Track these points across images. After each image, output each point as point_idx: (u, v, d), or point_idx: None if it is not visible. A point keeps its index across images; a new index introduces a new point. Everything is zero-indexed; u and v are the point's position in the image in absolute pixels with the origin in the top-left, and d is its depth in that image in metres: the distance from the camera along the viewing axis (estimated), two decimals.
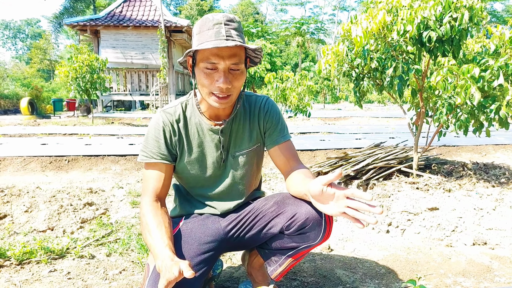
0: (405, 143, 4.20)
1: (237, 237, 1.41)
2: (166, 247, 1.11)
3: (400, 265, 1.96)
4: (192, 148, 1.36)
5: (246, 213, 1.42)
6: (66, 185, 3.49)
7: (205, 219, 1.42)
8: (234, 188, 1.43)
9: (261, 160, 1.50)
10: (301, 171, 1.30)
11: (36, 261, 1.93)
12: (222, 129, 1.35)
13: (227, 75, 1.19)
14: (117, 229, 2.44)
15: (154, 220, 1.20)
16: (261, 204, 1.42)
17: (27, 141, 5.66)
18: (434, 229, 2.38)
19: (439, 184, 2.83)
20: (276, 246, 1.39)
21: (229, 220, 1.42)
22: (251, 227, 1.39)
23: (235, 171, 1.41)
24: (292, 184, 1.31)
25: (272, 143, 1.40)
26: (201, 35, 1.19)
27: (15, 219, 2.60)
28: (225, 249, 1.48)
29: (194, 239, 1.34)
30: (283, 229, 1.31)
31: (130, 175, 4.05)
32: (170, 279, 0.99)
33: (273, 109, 1.43)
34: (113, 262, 1.97)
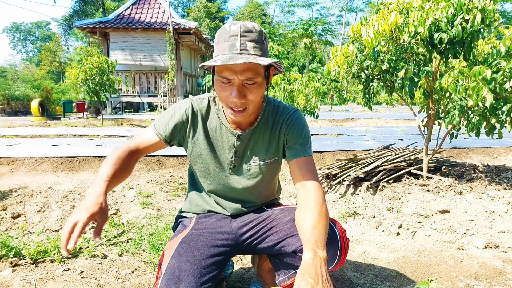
0: (415, 145, 4.18)
1: (248, 244, 1.41)
2: (105, 182, 1.13)
3: (411, 267, 1.95)
4: (206, 141, 1.35)
5: (260, 221, 1.41)
6: (78, 186, 3.54)
7: (217, 222, 1.42)
8: (244, 195, 1.43)
9: (276, 172, 1.47)
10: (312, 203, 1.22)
11: (50, 260, 1.96)
12: (240, 135, 1.33)
13: (241, 89, 1.16)
14: (128, 229, 2.46)
15: (117, 160, 1.22)
16: (276, 216, 1.40)
17: (39, 142, 5.74)
18: (445, 231, 2.37)
19: (450, 186, 2.81)
20: (287, 261, 1.38)
21: (241, 223, 1.41)
22: (264, 238, 1.38)
23: (247, 180, 1.39)
24: (297, 221, 1.23)
25: (290, 156, 1.35)
26: (218, 46, 1.18)
27: (29, 219, 2.64)
28: (236, 253, 1.48)
29: (206, 241, 1.35)
30: (296, 251, 1.29)
31: (140, 176, 4.09)
32: (81, 217, 1.01)
33: (297, 122, 1.37)
34: (125, 262, 1.99)
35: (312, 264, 1.03)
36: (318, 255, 1.06)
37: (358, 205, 2.81)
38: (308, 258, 1.06)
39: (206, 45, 18.29)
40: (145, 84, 14.85)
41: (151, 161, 4.57)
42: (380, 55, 3.11)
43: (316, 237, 1.11)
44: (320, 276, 1.01)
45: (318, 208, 1.20)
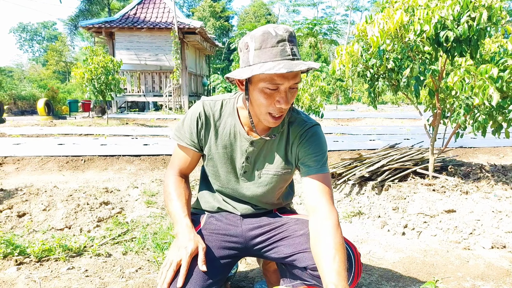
0: (421, 144, 4.15)
1: (258, 250, 1.39)
2: (185, 217, 1.26)
3: (416, 267, 1.93)
4: (218, 146, 1.34)
5: (272, 228, 1.38)
6: (83, 185, 3.55)
7: (227, 224, 1.40)
8: (254, 201, 1.41)
9: (287, 182, 1.43)
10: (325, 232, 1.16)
11: (55, 259, 1.97)
12: (253, 141, 1.31)
13: (287, 95, 1.15)
14: (132, 228, 2.47)
15: (176, 191, 1.32)
16: (290, 227, 1.37)
17: (44, 141, 5.78)
18: (451, 231, 2.35)
19: (456, 186, 2.78)
20: (295, 272, 1.35)
21: (252, 226, 1.39)
22: (274, 248, 1.35)
23: (256, 188, 1.37)
24: (314, 255, 1.18)
25: (303, 172, 1.29)
26: (263, 52, 1.11)
27: (34, 217, 2.65)
28: (243, 256, 1.48)
29: (215, 242, 1.33)
30: (307, 268, 1.26)
31: (145, 175, 4.10)
32: (183, 256, 1.14)
33: (314, 137, 1.31)
34: (129, 261, 2.00)
35: None
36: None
37: (363, 204, 2.79)
38: None
39: (211, 44, 18.31)
40: (150, 83, 14.91)
41: (156, 160, 4.59)
42: (386, 53, 3.08)
43: (334, 278, 1.05)
44: None
45: (333, 240, 1.14)
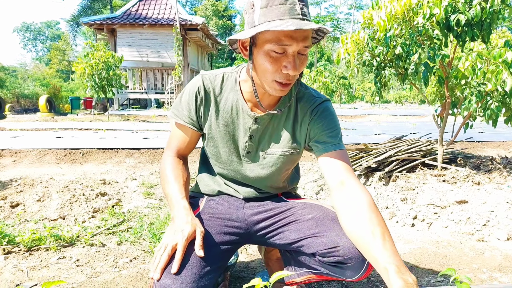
0: (429, 136, 4.03)
1: (261, 236, 1.28)
2: (183, 199, 1.15)
3: (428, 258, 1.82)
4: (219, 124, 1.23)
5: (277, 213, 1.26)
6: (80, 176, 3.46)
7: (228, 208, 1.29)
8: (257, 184, 1.30)
9: (294, 164, 1.32)
10: (363, 208, 1.02)
11: (45, 248, 1.86)
12: (258, 118, 1.19)
13: (296, 60, 1.03)
14: (129, 218, 2.37)
15: (173, 172, 1.21)
16: (297, 211, 1.25)
17: (43, 135, 5.69)
18: (464, 223, 2.23)
19: (467, 176, 2.66)
20: (301, 259, 1.24)
21: (255, 210, 1.28)
22: (279, 233, 1.24)
23: (260, 169, 1.26)
24: (350, 222, 1.04)
25: (319, 150, 1.17)
26: (270, 10, 1.01)
27: (27, 208, 2.56)
28: (245, 243, 1.36)
29: (214, 227, 1.22)
30: (316, 254, 1.14)
31: (144, 168, 4.00)
32: (179, 240, 1.04)
33: (326, 112, 1.20)
34: (124, 251, 1.89)
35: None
36: (409, 282, 0.85)
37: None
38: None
39: (213, 41, 18.21)
40: (152, 80, 14.82)
41: (155, 153, 4.49)
42: (393, 40, 2.96)
43: (393, 258, 0.90)
44: None
45: (376, 216, 1.00)
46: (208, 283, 1.09)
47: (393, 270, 0.87)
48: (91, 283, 1.54)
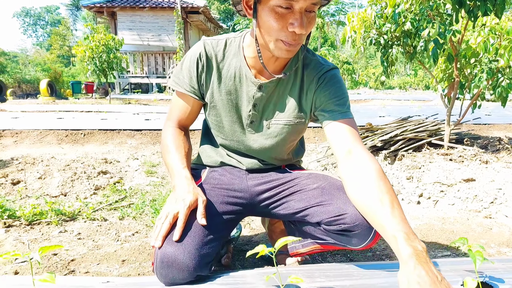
0: (436, 117, 3.96)
1: (265, 207, 1.24)
2: (184, 168, 1.12)
3: (435, 234, 1.78)
4: (221, 92, 1.17)
5: (281, 183, 1.22)
6: (81, 156, 3.43)
7: (231, 178, 1.25)
8: (261, 155, 1.25)
9: (300, 135, 1.27)
10: (371, 176, 0.98)
11: (47, 222, 1.84)
12: (262, 85, 1.13)
13: (303, 18, 0.97)
14: (131, 195, 2.34)
15: (174, 143, 1.18)
16: (301, 180, 1.21)
17: (44, 116, 5.66)
18: (471, 200, 2.19)
19: (475, 155, 2.61)
20: (306, 229, 1.21)
21: (258, 181, 1.24)
22: (283, 203, 1.20)
23: (264, 140, 1.21)
24: (357, 191, 1.00)
25: (326, 119, 1.12)
26: None
27: (29, 185, 2.53)
28: (248, 214, 1.33)
29: (217, 197, 1.19)
30: (321, 222, 1.11)
31: (146, 149, 3.97)
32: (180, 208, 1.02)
33: (334, 80, 1.14)
34: (126, 225, 1.87)
35: (419, 264, 0.79)
36: (418, 250, 0.82)
37: None
38: (409, 258, 0.80)
39: (215, 25, 17.98)
40: (153, 64, 14.69)
41: (157, 134, 4.45)
42: (401, 16, 2.87)
43: (402, 225, 0.86)
44: (436, 279, 0.77)
45: (384, 184, 0.96)
46: (211, 251, 1.06)
47: (402, 238, 0.84)
48: (93, 255, 1.52)
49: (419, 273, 0.77)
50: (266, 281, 1.00)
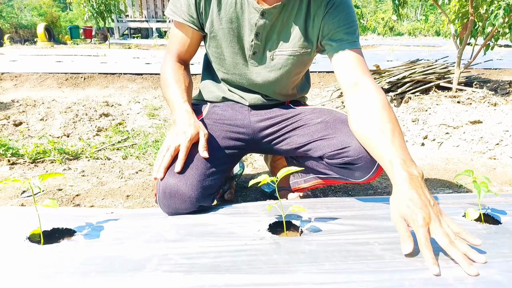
0: (446, 59, 3.82)
1: (267, 143, 1.21)
2: (185, 102, 1.09)
3: (438, 173, 1.78)
4: (221, 20, 1.09)
5: (285, 119, 1.19)
6: (82, 98, 3.39)
7: (233, 113, 1.21)
8: (265, 90, 1.20)
9: (305, 67, 1.21)
10: (375, 107, 0.95)
11: (50, 161, 1.85)
12: (265, 11, 1.05)
13: None
14: (133, 136, 2.33)
15: (174, 77, 1.15)
16: (305, 115, 1.17)
17: (42, 59, 5.53)
18: (476, 142, 2.16)
19: (484, 98, 2.55)
20: (308, 164, 1.19)
21: (261, 117, 1.20)
22: (286, 139, 1.18)
23: (268, 72, 1.15)
24: (359, 121, 0.97)
25: (333, 48, 1.06)
26: None
27: (31, 126, 2.53)
28: (250, 150, 1.31)
29: (219, 132, 1.16)
30: (324, 156, 1.09)
31: (147, 93, 3.90)
32: (181, 141, 1.00)
33: (343, 6, 1.06)
34: (129, 164, 1.88)
35: (413, 188, 0.77)
36: (414, 174, 0.80)
37: None
38: (403, 182, 0.78)
39: None
40: (153, 8, 14.08)
41: (158, 79, 4.35)
42: None
43: (400, 152, 0.84)
44: (428, 203, 0.75)
45: (388, 114, 0.93)
46: (213, 183, 1.06)
47: (398, 163, 0.82)
48: (98, 190, 1.54)
49: (411, 196, 0.76)
50: (268, 211, 1.00)
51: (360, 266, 0.71)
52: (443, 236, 0.72)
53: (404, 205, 0.76)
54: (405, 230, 0.76)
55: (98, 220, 0.93)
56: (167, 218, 0.97)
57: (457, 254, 0.70)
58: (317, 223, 0.93)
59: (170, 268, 0.70)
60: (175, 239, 0.83)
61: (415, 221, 0.73)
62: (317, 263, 0.73)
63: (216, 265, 0.72)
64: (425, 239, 0.71)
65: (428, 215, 0.73)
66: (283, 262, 0.73)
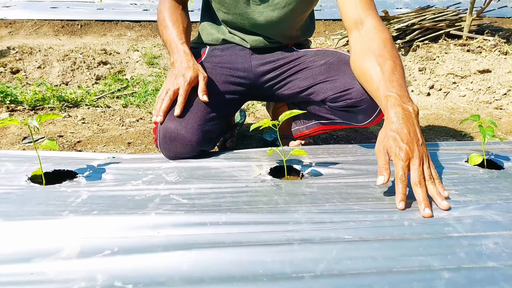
0: (458, 5, 3.64)
1: (268, 88, 1.18)
2: (183, 44, 1.05)
3: (442, 123, 1.76)
4: None
5: (287, 62, 1.15)
6: (80, 46, 3.29)
7: (234, 56, 1.17)
8: (267, 31, 1.14)
9: (310, 6, 1.15)
10: (377, 45, 0.91)
11: (50, 108, 1.83)
12: None
13: None
14: (133, 84, 2.29)
15: (171, 17, 1.10)
16: (308, 58, 1.13)
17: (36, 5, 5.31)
18: (483, 92, 2.12)
19: (495, 46, 2.45)
20: (310, 110, 1.16)
21: (262, 61, 1.16)
22: (288, 83, 1.14)
23: (271, 11, 1.09)
24: (361, 69, 0.93)
25: None
26: None
27: (28, 74, 2.48)
28: (251, 96, 1.28)
29: (219, 76, 1.13)
30: (326, 99, 1.06)
31: (146, 41, 3.78)
32: (180, 84, 0.98)
33: None
34: (130, 112, 1.86)
35: (403, 123, 0.74)
36: (408, 110, 0.77)
37: None
38: (394, 115, 0.76)
39: None
40: None
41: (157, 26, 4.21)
42: None
43: (397, 88, 0.81)
44: (415, 141, 0.73)
45: (389, 51, 0.89)
46: (213, 128, 1.05)
47: (393, 98, 0.80)
48: (99, 137, 1.54)
49: (400, 130, 0.75)
50: (269, 155, 1.00)
51: (360, 207, 0.72)
52: (417, 173, 0.71)
53: (390, 138, 0.75)
54: (384, 163, 0.75)
55: (99, 163, 0.93)
56: (169, 162, 0.97)
57: (420, 194, 0.70)
58: (318, 168, 0.92)
59: (171, 208, 0.71)
60: (176, 181, 0.84)
61: (397, 155, 0.72)
62: (317, 204, 0.73)
63: (217, 205, 0.72)
64: (402, 173, 0.71)
65: (412, 152, 0.72)
66: (283, 203, 0.73)
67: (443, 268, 0.57)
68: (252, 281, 0.55)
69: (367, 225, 0.66)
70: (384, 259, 0.59)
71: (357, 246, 0.61)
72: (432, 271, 0.56)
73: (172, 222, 0.66)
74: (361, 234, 0.64)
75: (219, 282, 0.55)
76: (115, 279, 0.55)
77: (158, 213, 0.68)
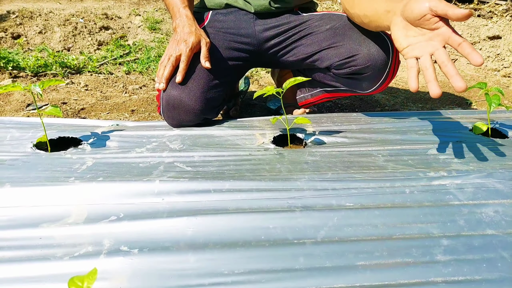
0: None
1: (273, 54, 1.15)
2: (185, 8, 1.02)
3: (449, 90, 1.74)
4: None
5: (291, 27, 1.11)
6: (81, 10, 3.22)
7: (237, 21, 1.14)
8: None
9: None
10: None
11: (52, 74, 1.82)
12: None
13: None
14: (135, 50, 2.26)
15: None
16: (313, 22, 1.09)
17: None
18: (491, 59, 2.07)
19: (507, 11, 2.36)
20: (315, 77, 1.15)
21: (266, 26, 1.13)
22: (292, 49, 1.12)
23: None
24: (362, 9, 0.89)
25: None
26: None
27: (30, 40, 2.44)
28: (255, 63, 1.25)
29: (222, 41, 1.10)
30: (331, 66, 1.04)
31: (148, 5, 3.68)
32: (182, 50, 0.96)
33: None
34: (133, 79, 1.84)
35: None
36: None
37: None
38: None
39: None
40: None
41: None
42: None
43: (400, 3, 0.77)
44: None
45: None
46: (216, 96, 1.04)
47: (398, 8, 0.76)
48: (102, 104, 1.53)
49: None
50: (272, 124, 1.00)
51: (362, 175, 0.72)
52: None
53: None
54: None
55: (103, 131, 0.93)
56: (172, 129, 0.97)
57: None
58: (321, 136, 0.92)
59: (175, 175, 0.71)
60: (180, 148, 0.84)
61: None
62: (319, 172, 0.74)
63: (221, 173, 0.73)
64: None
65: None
66: (286, 170, 0.74)
67: (442, 235, 0.58)
68: (255, 247, 0.56)
69: (369, 192, 0.67)
70: (384, 226, 0.60)
71: (358, 213, 0.62)
72: (431, 238, 0.58)
73: (176, 189, 0.67)
74: (363, 202, 0.65)
75: (223, 247, 0.57)
76: (121, 244, 0.56)
77: (162, 180, 0.69)
